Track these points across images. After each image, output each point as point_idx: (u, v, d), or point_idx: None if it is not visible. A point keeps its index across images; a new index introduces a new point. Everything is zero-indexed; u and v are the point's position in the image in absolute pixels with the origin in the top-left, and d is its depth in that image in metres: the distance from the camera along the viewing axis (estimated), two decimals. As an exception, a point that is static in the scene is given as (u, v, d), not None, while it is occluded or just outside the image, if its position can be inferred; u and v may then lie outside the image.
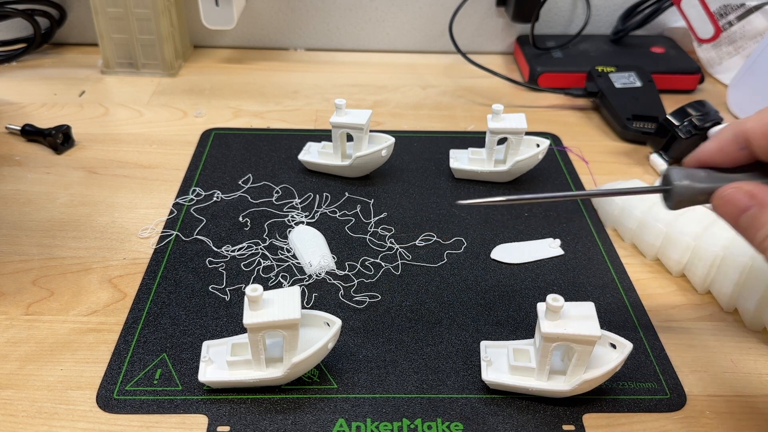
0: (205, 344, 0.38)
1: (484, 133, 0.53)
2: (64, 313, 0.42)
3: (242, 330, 0.39)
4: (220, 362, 0.37)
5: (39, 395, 0.36)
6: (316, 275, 0.45)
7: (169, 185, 0.54)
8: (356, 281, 0.45)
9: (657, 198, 0.48)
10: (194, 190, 0.53)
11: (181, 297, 0.43)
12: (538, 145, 0.53)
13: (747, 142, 0.33)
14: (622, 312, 0.43)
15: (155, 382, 0.37)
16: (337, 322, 0.36)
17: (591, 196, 0.45)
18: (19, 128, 0.59)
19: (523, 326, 0.42)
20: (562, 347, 0.37)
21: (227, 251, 0.47)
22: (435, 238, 0.49)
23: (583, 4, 0.78)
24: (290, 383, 0.38)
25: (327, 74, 0.75)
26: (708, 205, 0.34)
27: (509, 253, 0.47)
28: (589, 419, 0.36)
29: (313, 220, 0.50)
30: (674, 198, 0.34)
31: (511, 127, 0.51)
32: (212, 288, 0.44)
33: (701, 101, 0.58)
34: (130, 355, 0.39)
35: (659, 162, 0.58)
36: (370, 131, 0.54)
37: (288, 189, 0.53)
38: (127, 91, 0.69)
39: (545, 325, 0.34)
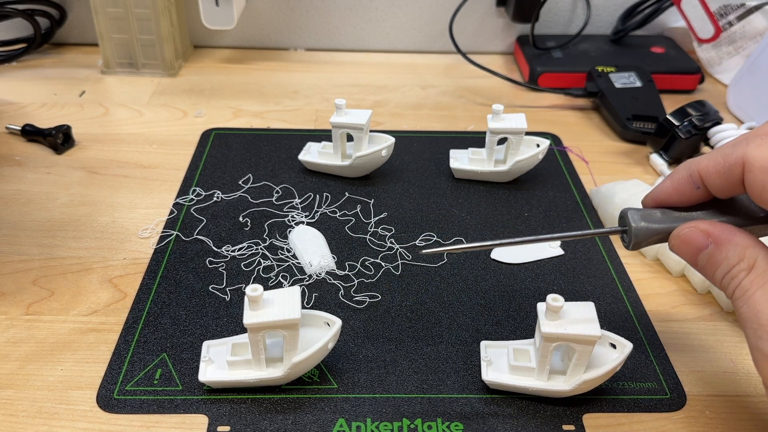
0: (205, 344, 0.38)
1: (484, 133, 0.53)
2: (64, 313, 0.42)
3: (242, 330, 0.39)
4: (220, 362, 0.37)
5: (39, 395, 0.36)
6: (316, 275, 0.45)
7: (169, 185, 0.54)
8: (356, 281, 0.45)
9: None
10: (194, 190, 0.53)
11: (182, 297, 0.43)
12: (538, 145, 0.53)
13: (701, 181, 0.32)
14: (622, 312, 0.43)
15: (155, 382, 0.37)
16: (337, 322, 0.36)
17: (552, 240, 0.41)
18: (19, 128, 0.59)
19: (523, 326, 0.42)
20: (562, 347, 0.37)
21: (227, 251, 0.47)
22: (435, 238, 0.49)
23: (583, 4, 0.78)
24: (290, 383, 0.38)
25: (327, 74, 0.75)
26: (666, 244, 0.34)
27: (509, 253, 0.47)
28: (589, 419, 0.36)
29: (313, 220, 0.50)
30: (632, 239, 0.34)
31: (511, 127, 0.51)
32: (212, 288, 0.44)
33: (701, 101, 0.58)
34: (130, 355, 0.39)
35: (659, 162, 0.58)
36: (370, 131, 0.54)
37: (288, 189, 0.53)
38: (127, 91, 0.69)
39: (545, 325, 0.34)
